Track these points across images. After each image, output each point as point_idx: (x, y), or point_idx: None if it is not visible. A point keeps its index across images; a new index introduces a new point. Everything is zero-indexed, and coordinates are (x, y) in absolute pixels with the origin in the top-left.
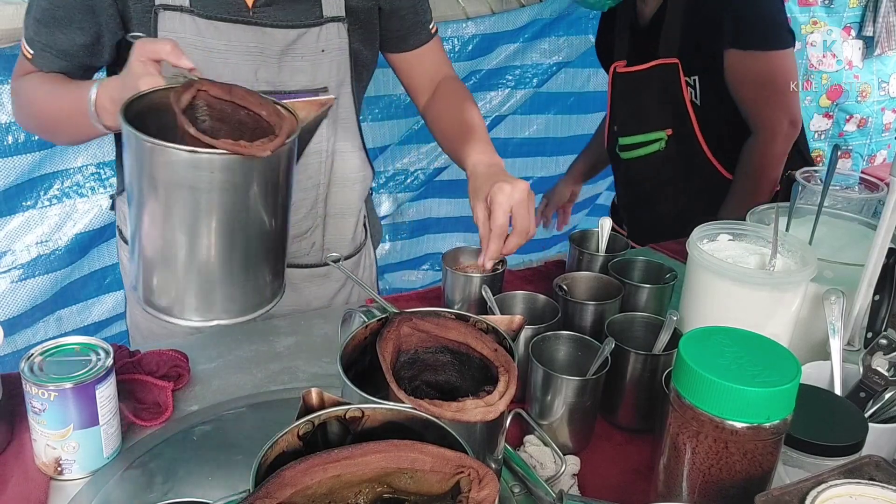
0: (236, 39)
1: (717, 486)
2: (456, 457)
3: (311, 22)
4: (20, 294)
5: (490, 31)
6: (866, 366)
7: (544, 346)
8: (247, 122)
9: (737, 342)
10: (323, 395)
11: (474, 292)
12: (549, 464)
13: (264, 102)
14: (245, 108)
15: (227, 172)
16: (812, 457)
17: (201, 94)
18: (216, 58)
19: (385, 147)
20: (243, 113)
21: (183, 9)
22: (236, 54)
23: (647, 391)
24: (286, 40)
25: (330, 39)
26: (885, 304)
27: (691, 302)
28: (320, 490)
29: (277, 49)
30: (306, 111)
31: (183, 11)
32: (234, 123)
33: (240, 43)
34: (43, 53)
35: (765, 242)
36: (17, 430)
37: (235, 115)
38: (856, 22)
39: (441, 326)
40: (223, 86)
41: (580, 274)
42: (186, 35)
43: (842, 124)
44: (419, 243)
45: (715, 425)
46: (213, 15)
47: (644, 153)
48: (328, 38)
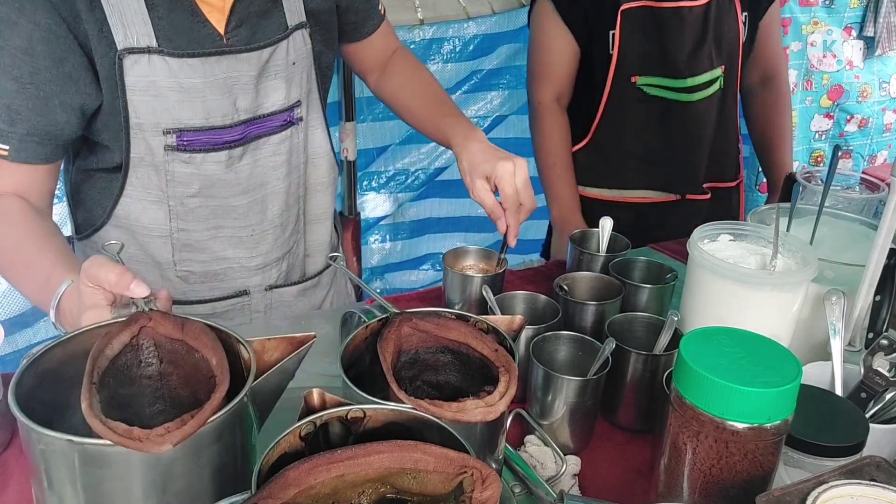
0: (211, 74)
1: (718, 487)
2: (459, 457)
3: (279, 36)
4: (21, 294)
5: (491, 31)
6: (867, 366)
7: (545, 347)
8: (199, 368)
9: (738, 342)
10: (324, 395)
11: (475, 292)
12: (550, 464)
13: (216, 347)
14: (197, 350)
15: (115, 468)
16: (813, 457)
17: (146, 331)
18: (194, 97)
19: (385, 147)
20: (198, 355)
21: (151, 49)
22: (214, 89)
23: (647, 391)
24: (260, 61)
25: (297, 49)
26: (885, 304)
27: (692, 302)
28: (324, 490)
29: (253, 73)
30: (281, 350)
31: (151, 52)
32: (189, 368)
33: (215, 77)
34: (22, 144)
35: (765, 243)
36: (18, 431)
37: (189, 357)
38: (857, 22)
39: (441, 326)
40: (175, 320)
41: (581, 274)
42: (158, 78)
43: (842, 125)
44: (419, 243)
45: (716, 426)
46: (185, 52)
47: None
48: (296, 48)
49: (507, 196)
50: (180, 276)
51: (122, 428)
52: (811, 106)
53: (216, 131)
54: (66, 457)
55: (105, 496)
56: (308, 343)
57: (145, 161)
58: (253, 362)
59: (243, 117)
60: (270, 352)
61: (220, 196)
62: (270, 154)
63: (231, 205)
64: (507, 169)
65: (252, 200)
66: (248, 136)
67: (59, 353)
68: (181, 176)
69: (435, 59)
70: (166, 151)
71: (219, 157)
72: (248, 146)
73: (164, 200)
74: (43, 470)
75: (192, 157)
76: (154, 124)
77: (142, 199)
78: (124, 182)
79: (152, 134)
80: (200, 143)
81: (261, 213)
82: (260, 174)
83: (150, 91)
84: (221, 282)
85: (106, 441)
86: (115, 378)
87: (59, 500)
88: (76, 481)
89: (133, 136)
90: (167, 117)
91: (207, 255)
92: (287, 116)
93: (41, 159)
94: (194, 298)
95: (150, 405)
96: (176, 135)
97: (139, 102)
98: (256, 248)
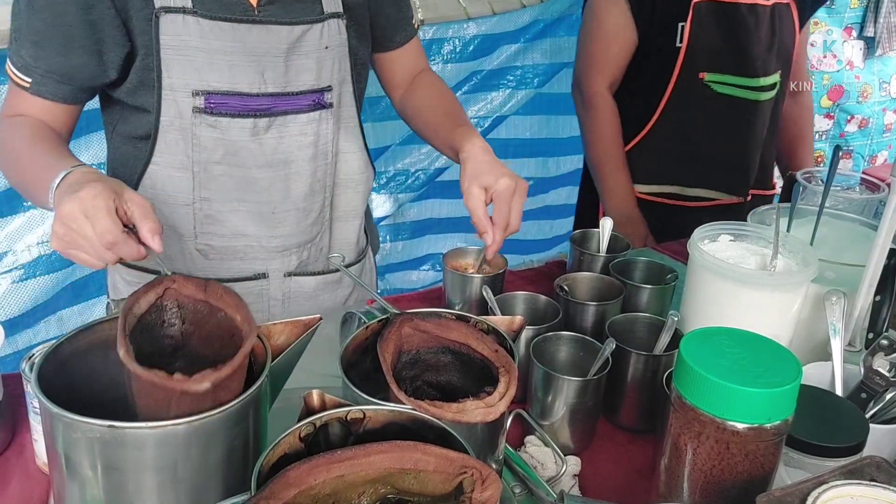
0: (241, 40)
1: (719, 487)
2: (459, 457)
3: (313, 18)
4: (21, 294)
5: (491, 32)
6: (867, 366)
7: (545, 347)
8: (223, 327)
9: (738, 343)
10: (324, 396)
11: (475, 293)
12: (550, 464)
13: (241, 305)
14: (221, 310)
15: (160, 448)
16: (813, 457)
17: (170, 292)
18: (220, 60)
19: (386, 147)
20: (220, 315)
21: (185, 10)
22: (241, 55)
23: (648, 392)
24: (291, 38)
25: (332, 36)
26: (886, 304)
27: (692, 302)
28: (324, 490)
29: (283, 48)
30: (287, 334)
31: (185, 13)
32: (211, 327)
33: (245, 43)
34: (44, 80)
35: (766, 243)
36: (18, 430)
37: (212, 318)
38: (857, 22)
39: (442, 327)
40: (198, 282)
41: (581, 274)
42: (190, 38)
43: (843, 125)
44: (420, 244)
45: (716, 426)
46: (217, 15)
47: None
48: (330, 34)
49: (500, 213)
50: (200, 250)
51: (162, 373)
52: None
53: (242, 98)
54: (90, 442)
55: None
56: (314, 325)
57: (174, 125)
58: (267, 345)
59: (271, 90)
60: (277, 336)
61: (244, 166)
62: (297, 133)
63: (254, 176)
64: (508, 187)
65: (275, 176)
66: (274, 108)
67: (73, 346)
68: (206, 141)
69: (435, 60)
70: (194, 114)
71: (244, 125)
72: (275, 120)
73: (189, 167)
74: (65, 458)
75: (218, 121)
76: (184, 84)
77: (168, 165)
78: (153, 148)
79: (182, 95)
80: (227, 108)
81: (283, 192)
82: (285, 150)
83: (181, 50)
84: (241, 261)
85: (133, 424)
86: (140, 336)
87: (80, 487)
88: (97, 466)
89: (164, 97)
90: (196, 78)
91: (228, 228)
92: (317, 98)
93: (59, 98)
94: (213, 277)
95: (170, 364)
96: (204, 97)
97: (171, 61)
98: (277, 228)
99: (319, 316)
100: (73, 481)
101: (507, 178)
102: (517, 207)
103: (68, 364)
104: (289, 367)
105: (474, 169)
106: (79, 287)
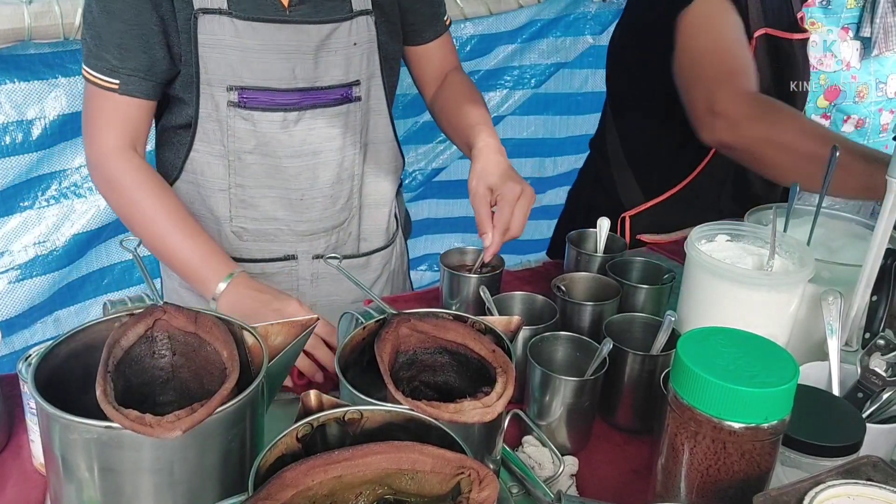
0: (273, 38)
1: (715, 487)
2: (456, 458)
3: (342, 16)
4: (18, 295)
5: (488, 32)
6: (864, 366)
7: (542, 347)
8: (211, 361)
9: (735, 343)
10: (321, 397)
11: (472, 293)
12: (548, 464)
13: (228, 340)
14: (210, 344)
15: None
16: (810, 457)
17: (161, 323)
18: (253, 58)
19: None
20: (209, 348)
21: (221, 11)
22: (273, 53)
23: (645, 392)
24: (320, 36)
25: (360, 33)
26: (882, 304)
27: (689, 303)
28: (321, 491)
29: (313, 45)
30: (283, 335)
31: (221, 14)
32: (200, 360)
33: (276, 42)
34: (131, 79)
35: (763, 243)
36: (15, 431)
37: (201, 350)
38: (853, 22)
39: (439, 327)
40: (188, 313)
41: (578, 274)
42: (225, 37)
43: (839, 125)
44: (417, 244)
45: (713, 426)
46: (251, 16)
47: None
48: (359, 31)
49: (503, 216)
50: (234, 232)
51: (135, 415)
52: (808, 106)
53: (273, 93)
54: (87, 443)
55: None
56: (311, 326)
57: (212, 117)
58: (264, 346)
59: (301, 85)
60: (273, 336)
61: (275, 155)
62: (325, 125)
63: (283, 165)
64: (515, 191)
65: (304, 165)
66: (303, 103)
67: (70, 346)
68: (240, 132)
69: None
70: (228, 107)
71: (274, 118)
72: (304, 113)
73: (225, 155)
74: (62, 459)
75: (251, 114)
76: (220, 80)
77: (207, 152)
78: (193, 137)
79: (219, 90)
80: (258, 102)
81: (311, 180)
82: (314, 142)
83: (217, 49)
84: (272, 243)
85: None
86: (129, 368)
87: (77, 488)
88: (94, 467)
89: (203, 91)
90: (231, 74)
91: (259, 213)
92: (345, 92)
93: (144, 94)
94: (247, 257)
95: (160, 395)
96: (237, 92)
97: (209, 59)
98: (305, 213)
99: (316, 316)
100: (70, 483)
101: (513, 183)
102: (520, 213)
103: (65, 365)
104: (285, 367)
105: (484, 168)
106: (75, 288)
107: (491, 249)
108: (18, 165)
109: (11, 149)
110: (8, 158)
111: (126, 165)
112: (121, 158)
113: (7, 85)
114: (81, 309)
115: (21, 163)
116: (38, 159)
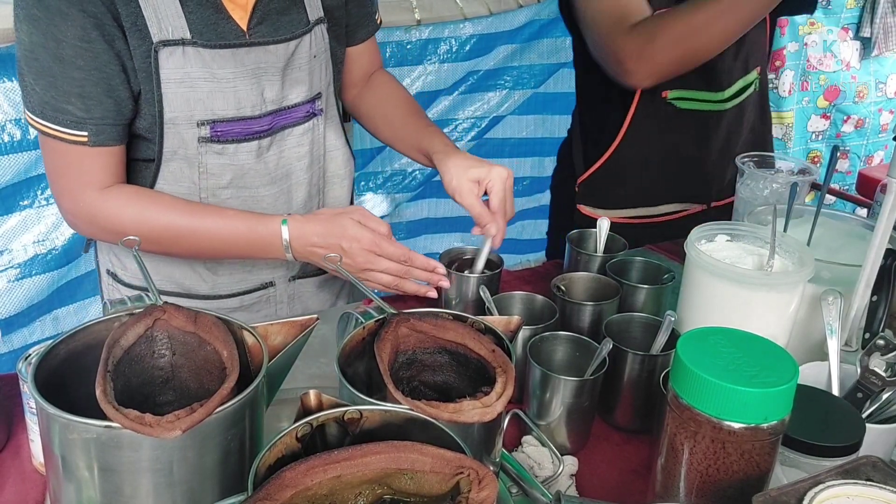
0: (241, 64)
1: (715, 487)
2: (456, 458)
3: (301, 30)
4: (17, 293)
5: (487, 32)
6: (864, 366)
7: (542, 347)
8: (210, 361)
9: (734, 343)
10: (321, 396)
11: (472, 293)
12: (547, 464)
13: (228, 341)
14: (209, 343)
15: (156, 450)
16: (809, 457)
17: (160, 323)
18: (226, 87)
19: (382, 147)
20: (209, 348)
21: (185, 41)
22: (243, 79)
23: (644, 392)
24: (287, 54)
25: (317, 44)
26: (882, 304)
27: (689, 303)
28: (321, 491)
29: (280, 65)
30: (284, 335)
31: (185, 45)
32: (199, 360)
33: (245, 67)
34: (99, 128)
35: (762, 243)
36: (15, 431)
37: (201, 350)
38: (853, 23)
39: (439, 327)
40: (188, 313)
41: (578, 274)
42: (193, 69)
43: (839, 125)
44: (416, 243)
45: (712, 426)
46: (215, 43)
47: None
48: (316, 42)
49: (500, 201)
50: (208, 268)
51: (134, 414)
52: (808, 106)
53: (247, 121)
54: (86, 443)
55: (124, 482)
56: (311, 326)
57: (178, 154)
58: (264, 348)
59: (270, 108)
60: (273, 336)
61: (251, 186)
62: (295, 145)
63: (260, 195)
64: (503, 174)
65: (279, 190)
66: (275, 126)
67: (70, 346)
68: (214, 167)
69: (431, 60)
70: (200, 143)
71: (250, 148)
72: (275, 136)
73: (196, 193)
74: (61, 459)
75: (225, 147)
76: (188, 117)
77: (174, 191)
78: (157, 173)
79: (186, 127)
80: (233, 134)
81: (287, 204)
82: (285, 164)
83: (185, 83)
84: (249, 273)
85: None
86: (128, 368)
87: (76, 488)
88: (93, 467)
89: (166, 130)
90: (201, 108)
91: None
92: (310, 108)
93: (117, 140)
94: (224, 293)
95: (160, 395)
96: (209, 126)
97: (173, 95)
98: None
99: (316, 316)
100: (70, 482)
101: (497, 168)
102: (511, 194)
103: (65, 364)
104: (286, 367)
105: (458, 166)
106: (74, 287)
107: (500, 235)
108: (17, 164)
109: (10, 147)
110: (7, 157)
111: (114, 203)
112: (108, 200)
113: (6, 84)
114: (80, 308)
115: (20, 161)
116: (37, 158)
